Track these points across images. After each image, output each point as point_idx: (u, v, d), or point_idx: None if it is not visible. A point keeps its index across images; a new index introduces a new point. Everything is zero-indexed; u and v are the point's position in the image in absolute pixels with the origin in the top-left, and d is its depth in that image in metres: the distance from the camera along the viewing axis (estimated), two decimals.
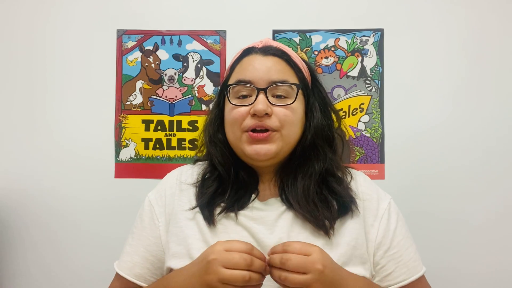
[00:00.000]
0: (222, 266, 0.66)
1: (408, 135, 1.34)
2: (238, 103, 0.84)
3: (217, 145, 0.89)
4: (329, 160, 0.87)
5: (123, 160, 1.37)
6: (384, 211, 0.86)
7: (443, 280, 1.30)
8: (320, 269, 0.67)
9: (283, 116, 0.82)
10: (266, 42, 0.90)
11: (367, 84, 1.36)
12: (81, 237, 1.36)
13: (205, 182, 0.88)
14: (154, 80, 1.39)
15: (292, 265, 0.66)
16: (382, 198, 0.88)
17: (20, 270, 1.36)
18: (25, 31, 1.39)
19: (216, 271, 0.66)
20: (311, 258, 0.67)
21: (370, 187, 0.89)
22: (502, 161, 1.32)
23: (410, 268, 0.83)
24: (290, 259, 0.66)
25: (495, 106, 1.33)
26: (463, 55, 1.34)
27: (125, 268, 0.88)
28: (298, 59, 0.90)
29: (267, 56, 0.86)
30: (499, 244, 1.31)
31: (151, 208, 0.89)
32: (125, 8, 1.38)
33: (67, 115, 1.38)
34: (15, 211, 1.36)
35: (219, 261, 0.67)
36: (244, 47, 0.91)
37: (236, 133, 0.84)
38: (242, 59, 0.88)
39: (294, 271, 0.66)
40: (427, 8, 1.35)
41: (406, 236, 0.86)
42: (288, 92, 0.84)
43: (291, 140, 0.85)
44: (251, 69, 0.84)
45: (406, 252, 0.84)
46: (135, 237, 0.89)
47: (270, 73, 0.83)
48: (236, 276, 0.65)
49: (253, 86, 0.82)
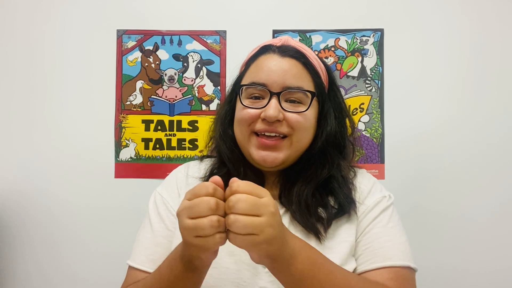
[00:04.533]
0: (187, 217, 0.58)
1: (408, 135, 1.34)
2: (249, 104, 0.82)
3: (226, 142, 0.88)
4: (336, 166, 0.85)
5: (123, 160, 1.37)
6: (370, 204, 0.83)
7: (443, 279, 1.30)
8: (273, 212, 0.58)
9: (295, 122, 0.80)
10: (286, 41, 0.86)
11: (367, 84, 1.36)
12: (80, 237, 1.36)
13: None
14: (154, 80, 1.39)
15: (242, 206, 0.56)
16: (375, 192, 0.86)
17: (18, 272, 1.36)
18: (25, 31, 1.39)
19: (183, 225, 0.58)
20: (264, 200, 0.58)
21: (366, 182, 0.88)
22: (502, 160, 1.32)
23: (376, 256, 0.77)
24: (240, 200, 0.57)
25: (495, 106, 1.33)
26: (463, 55, 1.34)
27: (147, 262, 0.82)
28: (317, 61, 0.87)
29: (284, 58, 0.83)
30: (500, 243, 1.31)
31: (164, 200, 0.87)
32: (125, 8, 1.38)
33: (67, 115, 1.38)
34: (14, 212, 1.36)
35: (184, 212, 0.58)
36: (262, 43, 0.88)
37: (244, 134, 0.83)
38: (258, 57, 0.85)
39: (244, 213, 0.56)
40: (427, 8, 1.35)
41: (386, 227, 0.81)
42: (302, 98, 0.82)
43: (300, 147, 0.84)
44: (266, 70, 0.82)
45: (378, 240, 0.79)
46: (154, 229, 0.85)
47: (286, 77, 0.80)
48: (201, 225, 0.56)
49: (267, 89, 0.80)
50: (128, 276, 0.84)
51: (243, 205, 0.57)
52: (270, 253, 0.60)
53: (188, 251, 0.62)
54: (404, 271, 0.77)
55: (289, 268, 0.62)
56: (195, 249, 0.60)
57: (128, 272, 0.85)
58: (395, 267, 0.77)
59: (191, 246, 0.60)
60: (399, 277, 0.76)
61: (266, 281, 0.77)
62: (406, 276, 0.77)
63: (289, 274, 0.63)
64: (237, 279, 0.77)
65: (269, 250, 0.59)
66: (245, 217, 0.56)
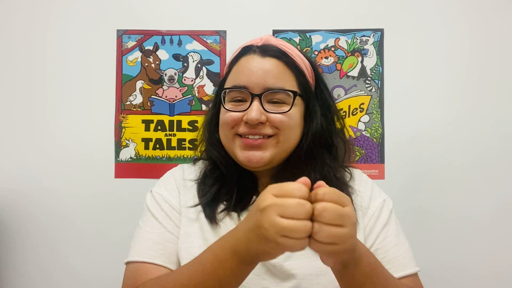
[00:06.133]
0: (278, 215, 0.55)
1: (408, 135, 1.34)
2: (232, 107, 0.82)
3: (214, 146, 0.88)
4: (327, 168, 0.84)
5: (123, 160, 1.37)
6: (375, 209, 0.84)
7: (443, 279, 1.30)
8: (355, 223, 0.58)
9: (278, 123, 0.80)
10: (267, 40, 0.85)
11: (367, 84, 1.36)
12: (80, 237, 1.36)
13: (206, 180, 0.87)
14: (154, 80, 1.39)
15: (328, 216, 0.55)
16: (376, 196, 0.86)
17: (19, 271, 1.36)
18: (25, 31, 1.39)
19: (272, 222, 0.55)
20: (347, 210, 0.57)
21: (365, 185, 0.88)
22: (503, 161, 1.32)
23: (395, 265, 0.80)
24: (326, 209, 0.55)
25: (495, 106, 1.33)
26: (464, 55, 1.34)
27: (159, 256, 0.79)
28: (301, 58, 0.86)
29: (265, 58, 0.82)
30: (500, 243, 1.31)
31: (166, 199, 0.86)
32: (125, 8, 1.38)
33: (67, 115, 1.38)
34: (14, 212, 1.36)
35: (274, 209, 0.55)
36: (243, 44, 0.88)
37: (228, 137, 0.83)
38: (240, 58, 0.85)
39: (329, 223, 0.55)
40: (427, 8, 1.35)
41: (396, 234, 0.83)
42: (284, 99, 0.81)
43: (287, 146, 0.83)
44: (246, 72, 0.81)
45: (393, 249, 0.81)
46: (163, 225, 0.83)
47: (266, 78, 0.80)
48: (297, 228, 0.54)
49: (248, 92, 0.80)
50: (133, 272, 0.79)
51: (328, 214, 0.55)
52: (345, 260, 0.61)
53: (262, 246, 0.58)
54: (416, 277, 0.82)
55: (354, 272, 0.64)
56: (274, 246, 0.57)
57: (133, 269, 0.80)
58: (411, 275, 0.81)
59: (271, 243, 0.56)
60: (417, 284, 0.82)
61: (269, 282, 0.77)
62: (419, 280, 0.83)
63: (353, 278, 0.65)
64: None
65: (345, 258, 0.61)
66: (329, 227, 0.55)
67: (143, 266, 0.79)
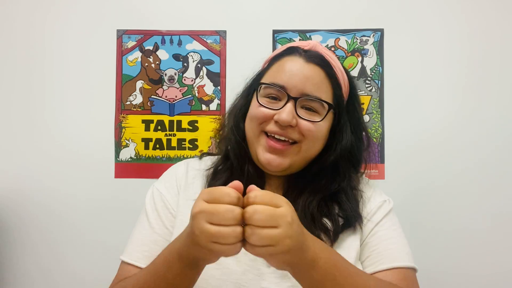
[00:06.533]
0: (207, 222, 0.56)
1: (408, 135, 1.34)
2: (265, 103, 0.81)
3: (236, 135, 0.87)
4: (347, 180, 0.84)
5: (123, 160, 1.37)
6: (372, 207, 0.84)
7: (443, 280, 1.30)
8: (290, 222, 0.57)
9: (306, 131, 0.80)
10: (314, 46, 0.85)
11: (367, 84, 1.36)
12: (80, 237, 1.36)
13: (217, 173, 0.87)
14: (154, 80, 1.39)
15: (259, 218, 0.55)
16: (376, 196, 0.87)
17: (18, 270, 1.36)
18: (25, 31, 1.39)
19: (201, 229, 0.56)
20: (281, 211, 0.57)
21: (367, 187, 0.88)
22: (503, 161, 1.32)
23: (384, 257, 0.79)
24: (257, 211, 0.55)
25: (495, 106, 1.33)
26: (464, 55, 1.34)
27: (142, 258, 0.81)
28: (341, 72, 0.85)
29: (308, 63, 0.81)
30: (500, 244, 1.31)
31: (162, 197, 0.86)
32: (125, 8, 1.38)
33: (67, 115, 1.38)
34: (14, 212, 1.36)
35: (203, 215, 0.56)
36: (289, 44, 0.88)
37: (254, 131, 0.82)
38: (283, 57, 0.84)
39: (261, 225, 0.55)
40: (427, 8, 1.35)
41: (391, 230, 0.83)
42: (318, 108, 0.81)
43: (308, 156, 0.83)
44: (288, 73, 0.81)
45: (385, 243, 0.80)
46: (152, 226, 0.84)
47: (306, 84, 0.79)
48: (226, 234, 0.55)
49: (285, 92, 0.80)
50: (120, 271, 0.83)
51: (259, 216, 0.55)
52: (289, 261, 0.60)
53: (197, 252, 0.60)
54: (410, 272, 0.80)
55: (311, 272, 0.62)
56: (207, 252, 0.59)
57: (121, 267, 0.84)
58: (402, 268, 0.78)
59: (203, 249, 0.58)
60: (407, 277, 0.78)
61: (269, 282, 0.77)
62: (412, 277, 0.80)
63: (311, 278, 0.63)
64: (239, 280, 0.76)
65: (287, 259, 0.59)
66: (261, 229, 0.55)
67: (127, 267, 0.82)
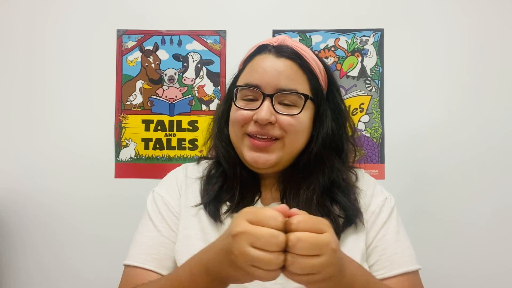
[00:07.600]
0: (249, 245, 0.53)
1: (408, 135, 1.34)
2: (243, 105, 0.82)
3: (222, 141, 0.87)
4: (336, 171, 0.83)
5: (123, 160, 1.37)
6: (376, 207, 0.84)
7: (443, 280, 1.30)
8: (334, 249, 0.54)
9: (287, 125, 0.79)
10: (283, 40, 0.85)
11: (367, 84, 1.36)
12: (80, 237, 1.36)
13: (210, 178, 0.87)
14: (154, 80, 1.39)
15: (302, 247, 0.53)
16: (377, 194, 0.86)
17: (19, 270, 1.36)
18: (25, 31, 1.39)
19: (242, 251, 0.54)
20: (324, 237, 0.54)
21: (367, 184, 0.88)
22: (503, 161, 1.32)
23: (394, 263, 0.79)
24: (300, 240, 0.53)
25: (495, 106, 1.33)
26: (464, 55, 1.34)
27: (150, 260, 0.80)
28: (315, 61, 0.85)
29: (279, 58, 0.81)
30: (500, 244, 1.31)
31: (165, 201, 0.86)
32: (125, 8, 1.38)
33: (67, 115, 1.38)
34: (14, 212, 1.36)
35: (246, 237, 0.54)
36: (259, 43, 0.88)
37: (237, 134, 0.83)
38: (254, 56, 0.85)
39: (304, 254, 0.53)
40: (427, 8, 1.35)
41: (396, 232, 0.83)
42: (296, 101, 0.81)
43: (293, 150, 0.83)
44: (260, 71, 0.81)
45: (392, 246, 0.81)
46: (158, 229, 0.83)
47: (279, 79, 0.79)
48: (268, 260, 0.53)
49: (260, 91, 0.80)
50: (125, 276, 0.81)
51: (303, 245, 0.53)
52: (331, 286, 0.59)
53: (232, 272, 0.58)
54: (416, 275, 0.81)
55: None
56: (243, 274, 0.56)
57: (126, 272, 0.82)
58: (410, 273, 0.80)
59: (240, 270, 0.56)
60: (415, 283, 0.80)
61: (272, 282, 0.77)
62: (418, 279, 0.82)
63: None
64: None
65: (326, 285, 0.58)
66: (304, 258, 0.53)
67: (134, 271, 0.80)
